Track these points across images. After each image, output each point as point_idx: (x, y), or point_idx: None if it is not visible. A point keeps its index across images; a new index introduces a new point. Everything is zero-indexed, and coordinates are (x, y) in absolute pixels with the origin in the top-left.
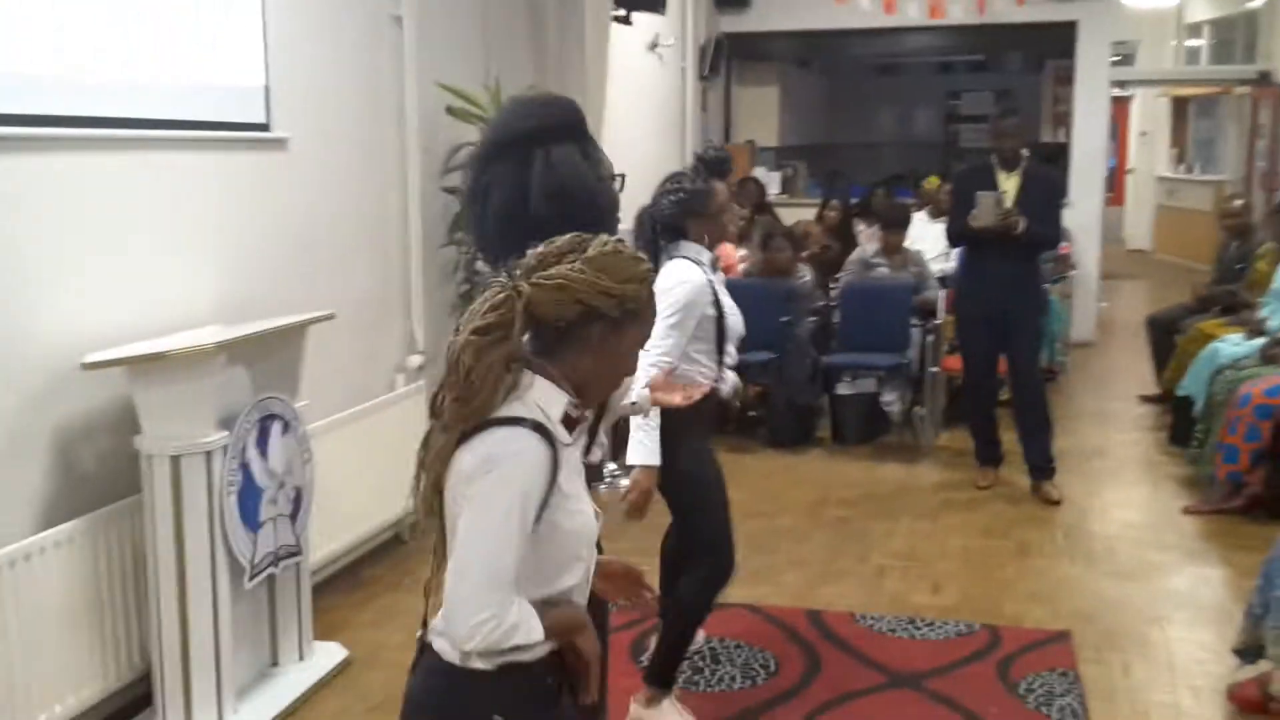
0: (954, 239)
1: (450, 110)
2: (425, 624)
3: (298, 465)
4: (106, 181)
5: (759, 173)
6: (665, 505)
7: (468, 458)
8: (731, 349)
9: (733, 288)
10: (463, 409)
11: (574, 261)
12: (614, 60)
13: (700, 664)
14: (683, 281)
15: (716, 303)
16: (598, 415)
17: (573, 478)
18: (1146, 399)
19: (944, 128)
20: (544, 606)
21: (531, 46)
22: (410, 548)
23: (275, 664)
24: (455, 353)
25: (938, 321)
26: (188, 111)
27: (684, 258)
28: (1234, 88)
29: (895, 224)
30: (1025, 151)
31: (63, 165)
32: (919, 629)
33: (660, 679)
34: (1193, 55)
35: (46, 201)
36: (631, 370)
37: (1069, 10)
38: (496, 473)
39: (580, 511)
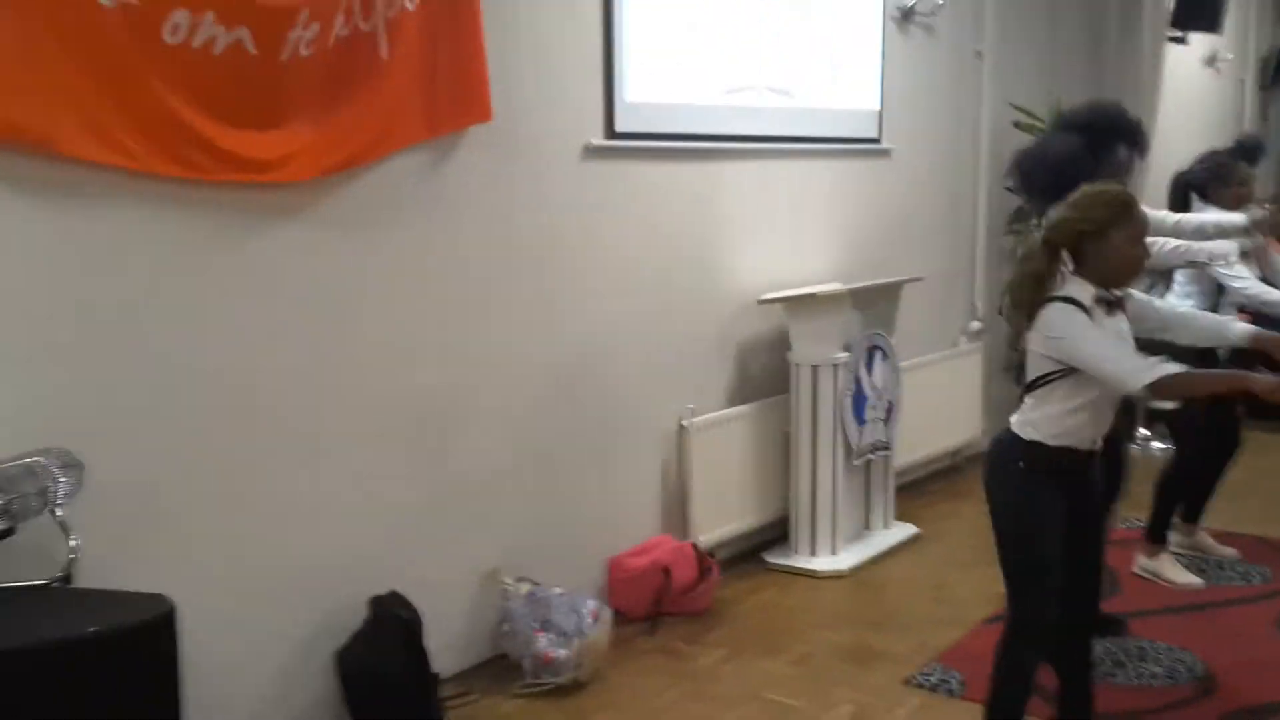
0: None
1: (1016, 124)
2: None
3: (892, 384)
4: (770, 181)
5: None
6: None
7: (1041, 321)
8: None
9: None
10: (1016, 302)
11: (1061, 209)
12: (1170, 75)
13: (1204, 565)
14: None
15: None
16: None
17: (1109, 336)
18: None
19: None
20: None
21: (1091, 69)
22: (964, 471)
23: (868, 527)
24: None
25: None
26: (824, 130)
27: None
28: None
29: None
30: None
31: (744, 169)
32: None
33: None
34: None
35: (735, 195)
36: (1133, 264)
37: None
38: (1060, 321)
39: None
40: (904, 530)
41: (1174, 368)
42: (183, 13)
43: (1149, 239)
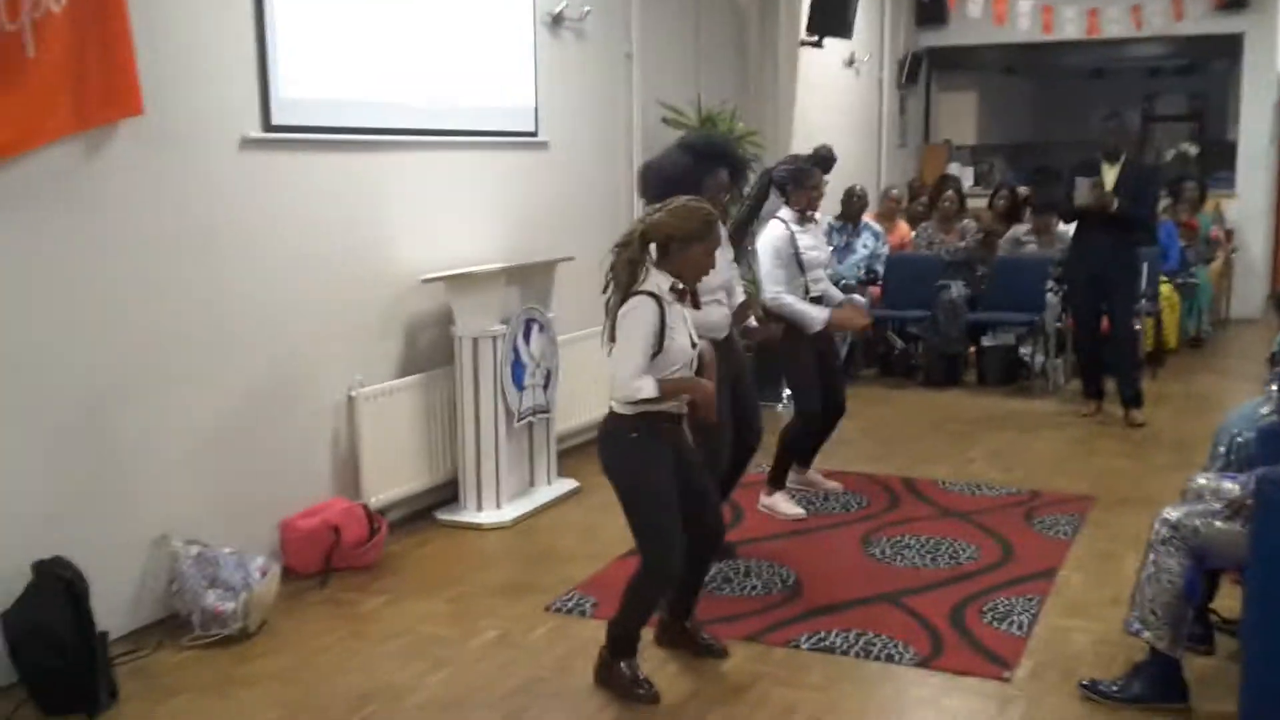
0: (1064, 216)
1: (665, 120)
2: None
3: (549, 353)
4: (432, 171)
5: (953, 168)
6: None
7: (620, 311)
8: (817, 276)
9: (897, 260)
10: (616, 283)
11: (661, 212)
12: (813, 75)
13: (814, 499)
14: (771, 236)
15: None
16: (692, 291)
17: (677, 322)
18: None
19: (1142, 127)
20: (664, 382)
21: (734, 71)
22: None
23: (531, 484)
24: (611, 259)
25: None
26: (485, 124)
27: (776, 217)
28: None
29: (1044, 209)
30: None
31: (406, 160)
32: (980, 490)
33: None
34: None
35: (398, 185)
36: (702, 269)
37: (1234, 24)
38: (630, 316)
39: (678, 340)
40: (565, 485)
41: (649, 390)
42: None
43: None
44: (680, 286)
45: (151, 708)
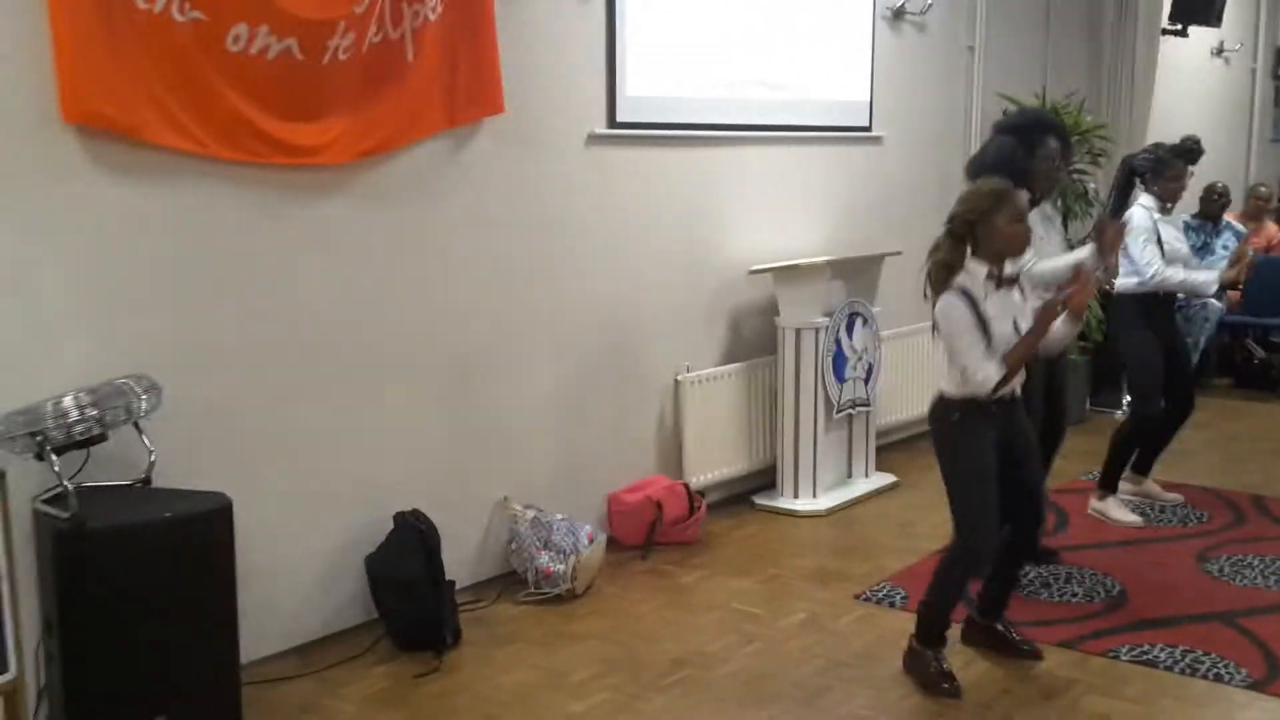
0: None
1: (1005, 113)
2: None
3: (872, 347)
4: (765, 165)
5: None
6: None
7: (935, 313)
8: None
9: (1263, 262)
10: (934, 285)
11: (955, 207)
12: (1175, 65)
13: (1150, 510)
14: (1138, 219)
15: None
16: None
17: (998, 310)
18: None
19: None
20: (1010, 355)
21: (1085, 62)
22: None
23: (849, 476)
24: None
25: None
26: (819, 119)
27: (1139, 205)
28: None
29: None
30: None
31: (740, 154)
32: None
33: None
34: None
35: (731, 176)
36: (1015, 241)
37: None
38: (944, 318)
39: (1000, 329)
40: (884, 479)
41: (995, 375)
42: (242, 26)
43: None
44: (997, 273)
45: (490, 652)
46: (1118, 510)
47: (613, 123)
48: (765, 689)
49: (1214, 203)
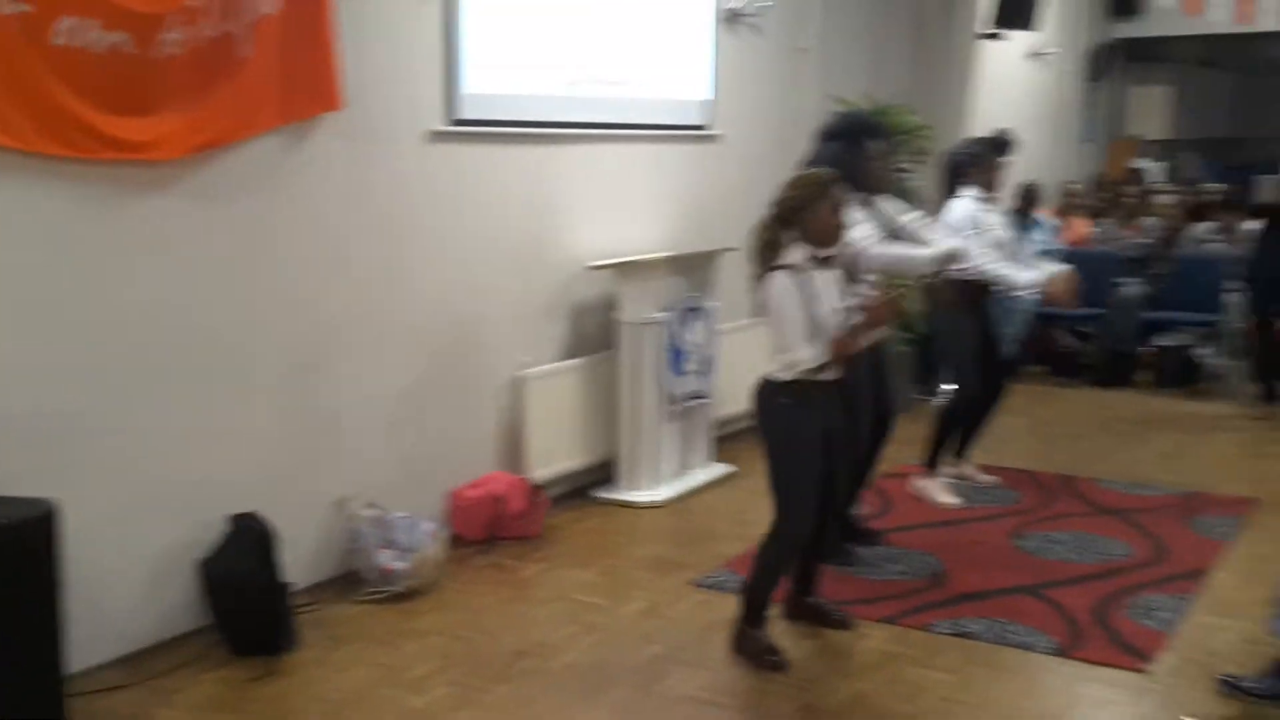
0: (1253, 213)
1: (818, 132)
2: None
3: (709, 341)
4: (606, 163)
5: (1143, 163)
6: None
7: (762, 285)
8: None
9: (1072, 256)
10: (755, 264)
11: (781, 191)
12: (994, 68)
13: (969, 492)
14: (961, 208)
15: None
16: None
17: (821, 290)
18: None
19: None
20: (835, 341)
21: (910, 65)
22: None
23: (688, 467)
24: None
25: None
26: (660, 118)
27: (963, 195)
28: None
29: (1231, 207)
30: None
31: (581, 152)
32: (1140, 490)
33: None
34: None
35: (573, 174)
36: (833, 230)
37: None
38: (770, 293)
39: (824, 307)
40: (721, 469)
41: (812, 357)
42: (70, 19)
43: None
44: (822, 255)
45: (327, 653)
46: (939, 491)
47: (452, 120)
48: (605, 676)
49: (1027, 199)
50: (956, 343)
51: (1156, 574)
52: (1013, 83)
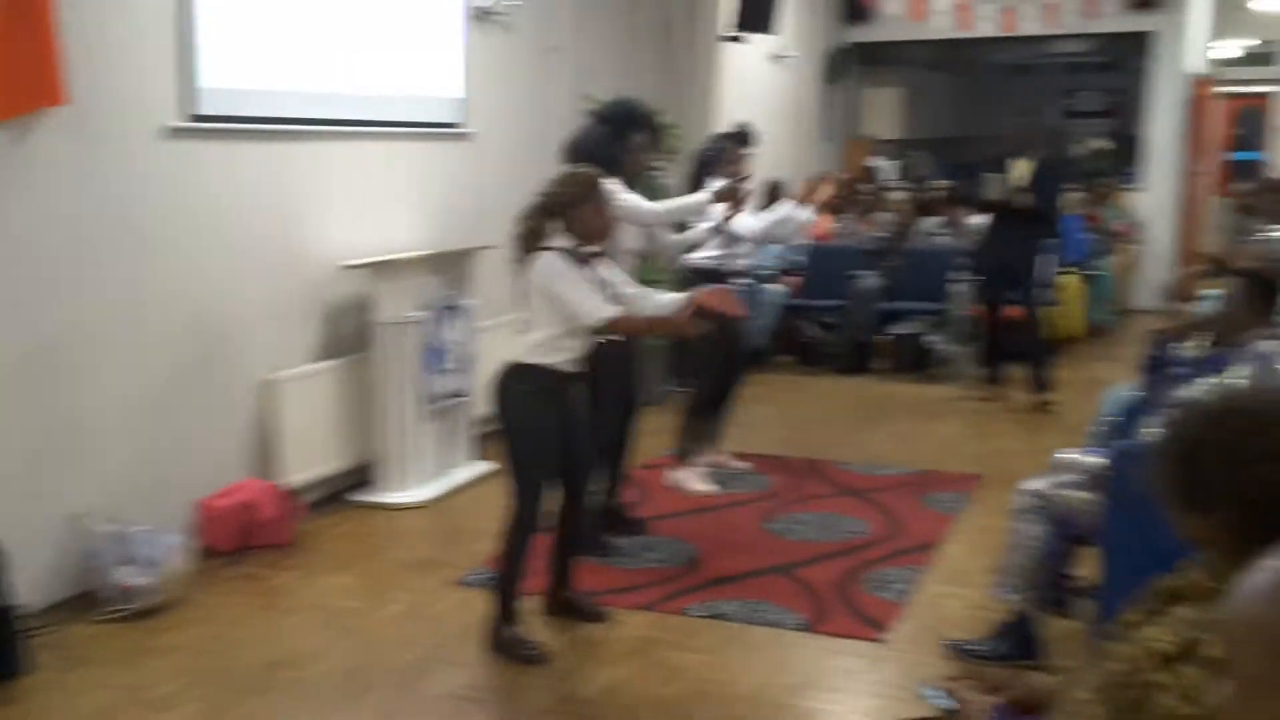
0: (978, 208)
1: (591, 113)
2: None
3: (468, 339)
4: (357, 161)
5: (878, 161)
6: None
7: (535, 267)
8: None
9: (816, 250)
10: (519, 254)
11: (551, 184)
12: (738, 70)
13: (723, 479)
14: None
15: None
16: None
17: (585, 279)
18: None
19: (1063, 122)
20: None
21: (658, 66)
22: None
23: (449, 467)
24: (514, 231)
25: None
26: (412, 115)
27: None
28: None
29: (957, 202)
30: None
31: (331, 149)
32: (878, 470)
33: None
34: None
35: (323, 172)
36: (599, 229)
37: (1145, 22)
38: (547, 271)
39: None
40: (483, 467)
41: (611, 310)
42: None
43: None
44: (584, 251)
45: (61, 676)
46: (694, 480)
47: (189, 116)
48: (364, 680)
49: (773, 196)
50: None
51: (892, 548)
52: (756, 84)
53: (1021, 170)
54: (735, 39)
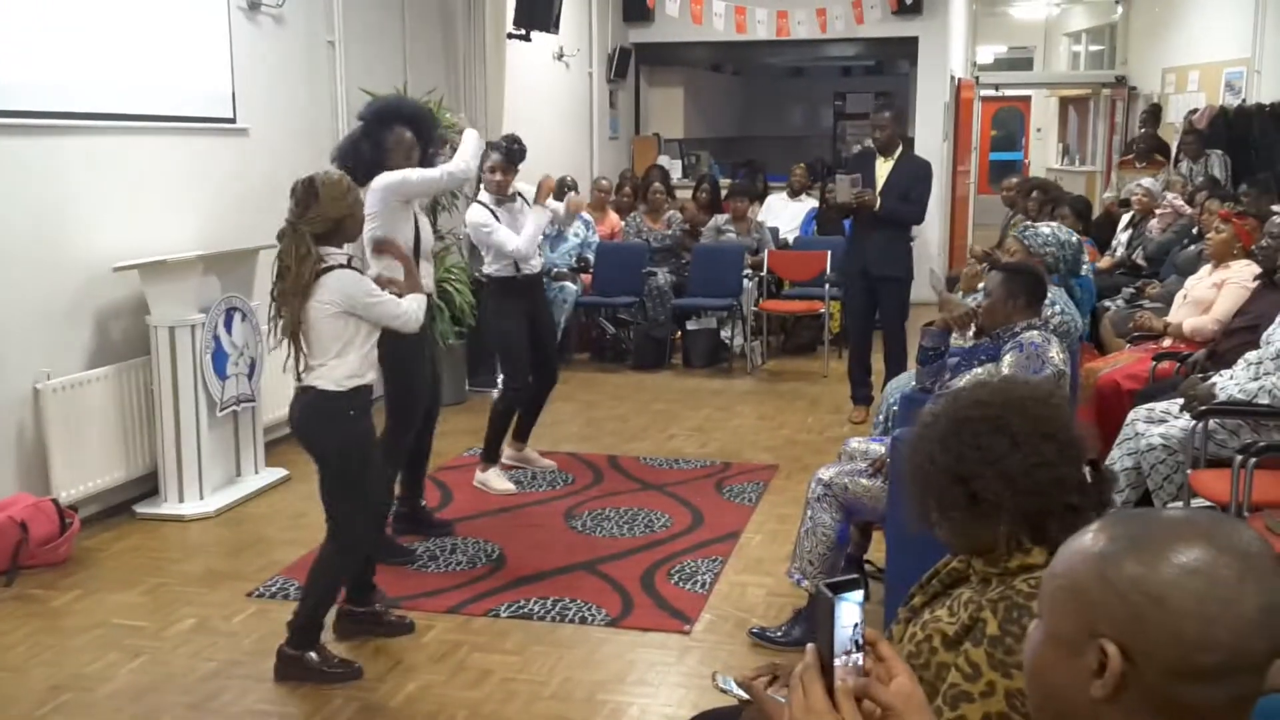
0: (834, 212)
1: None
2: (299, 378)
3: (252, 342)
4: (123, 156)
5: (663, 160)
6: None
7: (324, 291)
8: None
9: (607, 248)
10: (294, 289)
11: (314, 207)
12: (523, 68)
13: (525, 477)
14: (471, 216)
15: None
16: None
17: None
18: None
19: (834, 123)
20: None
21: (442, 62)
22: None
23: (239, 474)
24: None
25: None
26: (178, 109)
27: (476, 200)
28: (1100, 89)
29: (740, 196)
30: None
31: (94, 144)
32: (678, 464)
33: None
34: (1075, 60)
35: (87, 168)
36: (360, 223)
37: (910, 28)
38: (358, 285)
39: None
40: (274, 474)
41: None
42: None
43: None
44: (348, 255)
45: None
46: (497, 480)
47: None
48: (153, 701)
49: (563, 194)
50: (502, 340)
51: (694, 540)
52: (542, 83)
53: (884, 170)
54: (523, 37)
